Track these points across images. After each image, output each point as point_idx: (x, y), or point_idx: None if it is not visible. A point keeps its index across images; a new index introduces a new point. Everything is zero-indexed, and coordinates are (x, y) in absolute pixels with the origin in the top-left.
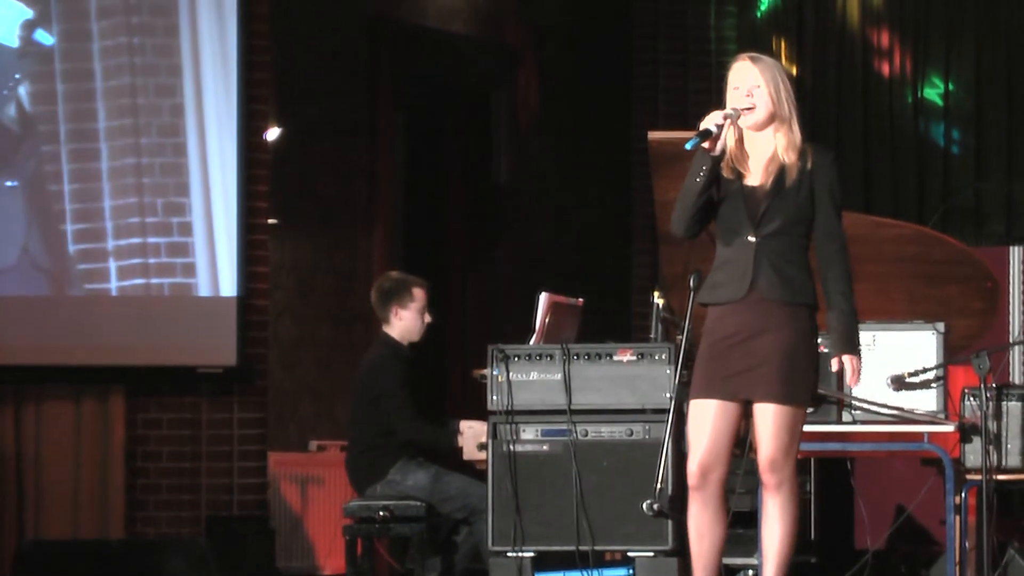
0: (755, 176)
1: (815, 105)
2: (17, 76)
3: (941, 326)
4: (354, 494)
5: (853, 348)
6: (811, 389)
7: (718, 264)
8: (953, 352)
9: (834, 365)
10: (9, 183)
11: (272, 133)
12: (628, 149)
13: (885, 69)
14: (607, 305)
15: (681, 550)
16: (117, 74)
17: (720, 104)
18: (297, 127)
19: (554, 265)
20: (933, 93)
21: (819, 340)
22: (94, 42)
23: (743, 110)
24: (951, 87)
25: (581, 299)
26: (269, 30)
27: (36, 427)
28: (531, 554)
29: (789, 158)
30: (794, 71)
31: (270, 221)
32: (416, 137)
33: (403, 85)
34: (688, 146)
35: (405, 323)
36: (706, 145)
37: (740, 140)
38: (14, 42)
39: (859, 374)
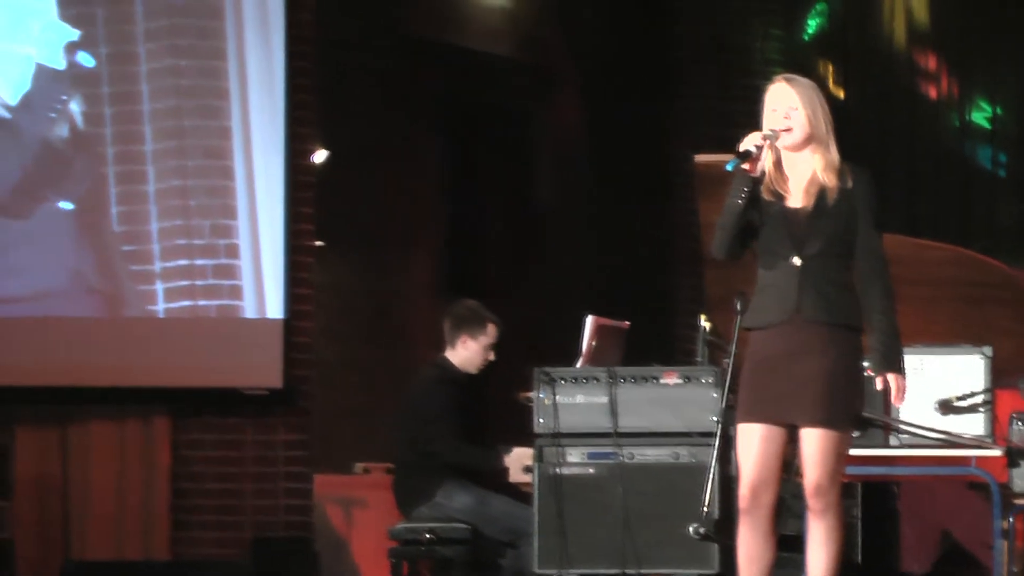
0: (796, 198)
1: (860, 128)
2: (64, 98)
3: (988, 350)
4: (399, 517)
5: (896, 366)
6: (856, 413)
7: (761, 287)
8: (998, 375)
9: (878, 384)
10: (62, 205)
11: (319, 156)
12: (669, 170)
13: (932, 92)
14: (649, 327)
15: (726, 574)
16: (164, 96)
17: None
18: (339, 148)
19: (595, 286)
20: (980, 117)
21: (864, 362)
22: (141, 64)
23: (780, 131)
24: (999, 111)
25: (627, 322)
26: (314, 51)
27: (81, 448)
28: None
29: (828, 179)
30: (840, 94)
31: (316, 243)
32: (456, 158)
33: (444, 106)
34: (729, 167)
35: (469, 353)
36: (746, 166)
37: (779, 162)
38: (60, 64)
39: (903, 393)
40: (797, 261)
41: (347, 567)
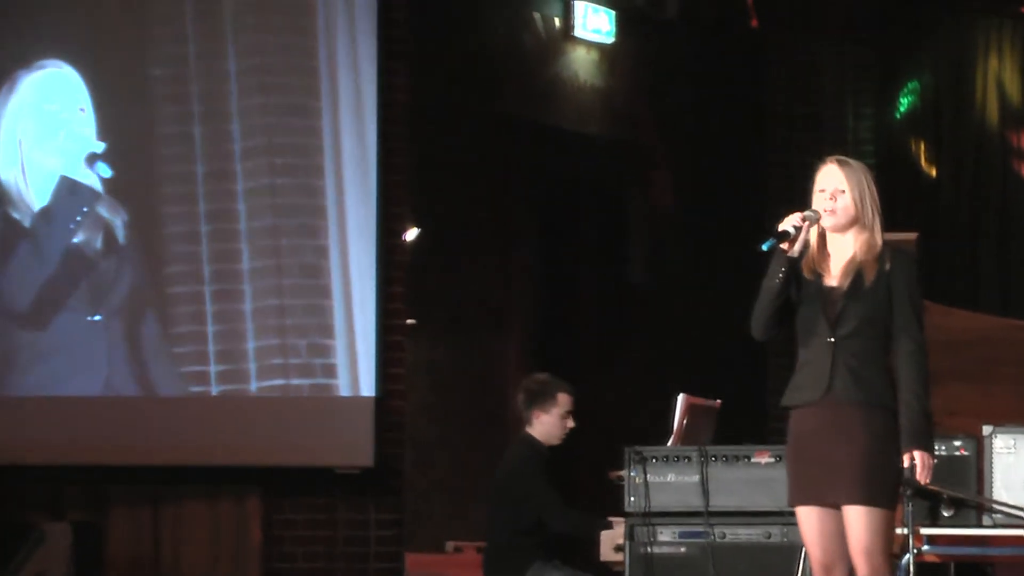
0: (833, 277)
1: (952, 206)
2: (85, 210)
3: None
4: None
5: (923, 444)
6: (893, 489)
7: (799, 366)
8: None
9: (905, 460)
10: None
11: (411, 234)
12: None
13: None
14: (741, 406)
15: None
16: (260, 215)
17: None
18: (432, 227)
19: (688, 365)
20: None
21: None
22: (238, 182)
23: (823, 213)
24: None
25: (719, 400)
26: (407, 132)
27: (173, 527)
28: None
29: (866, 260)
30: (931, 172)
31: (408, 321)
32: (550, 236)
33: (538, 184)
34: (764, 247)
35: (546, 427)
36: (784, 246)
37: (822, 241)
38: (81, 175)
39: (929, 470)
40: (831, 340)
41: None
